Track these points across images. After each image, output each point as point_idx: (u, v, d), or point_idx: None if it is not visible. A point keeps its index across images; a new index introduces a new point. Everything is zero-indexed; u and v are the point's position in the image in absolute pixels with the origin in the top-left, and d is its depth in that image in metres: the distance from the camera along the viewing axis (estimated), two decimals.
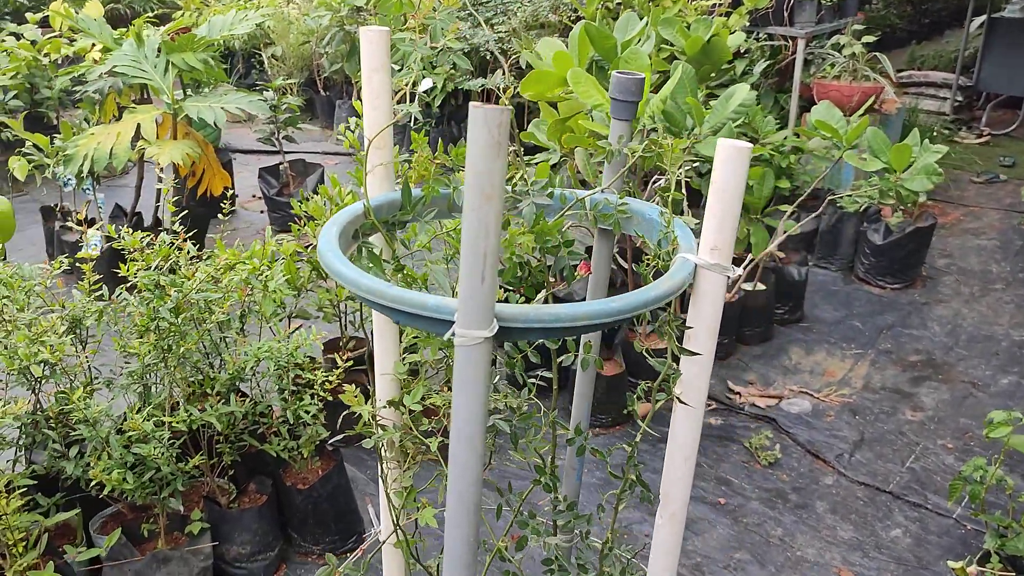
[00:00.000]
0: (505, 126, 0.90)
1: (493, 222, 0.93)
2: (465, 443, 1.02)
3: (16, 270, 2.85)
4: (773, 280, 4.60)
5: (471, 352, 0.98)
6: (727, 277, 1.17)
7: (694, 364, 1.22)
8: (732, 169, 1.11)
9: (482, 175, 0.91)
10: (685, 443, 1.26)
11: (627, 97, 1.41)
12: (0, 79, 6.28)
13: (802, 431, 3.84)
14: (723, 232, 1.15)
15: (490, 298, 0.96)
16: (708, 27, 4.84)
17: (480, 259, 0.94)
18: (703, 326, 1.20)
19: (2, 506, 2.40)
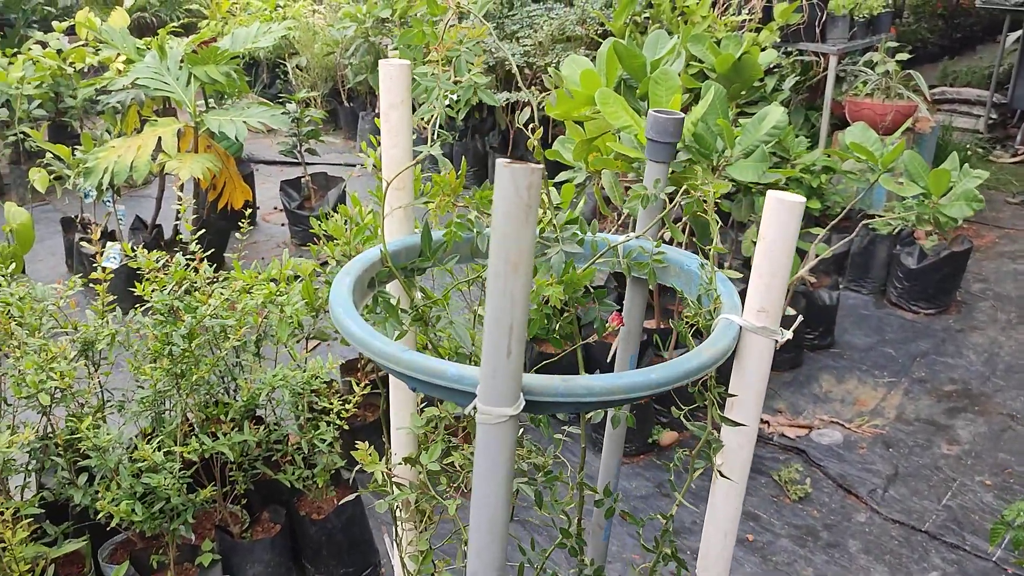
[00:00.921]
0: (537, 187, 0.81)
1: (520, 293, 0.83)
2: (486, 528, 0.93)
3: (29, 290, 2.79)
4: (803, 304, 4.47)
5: (494, 431, 0.89)
6: (775, 341, 1.07)
7: (738, 434, 1.11)
8: (782, 225, 1.02)
9: (509, 240, 0.82)
10: (725, 518, 1.16)
11: (665, 138, 1.31)
12: (25, 88, 6.27)
13: (833, 464, 3.71)
14: (772, 293, 1.05)
15: (516, 374, 0.87)
16: (739, 44, 4.74)
17: (506, 333, 0.85)
18: (748, 394, 1.10)
19: (7, 537, 2.33)
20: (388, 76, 1.22)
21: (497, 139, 7.04)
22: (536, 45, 6.48)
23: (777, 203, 1.01)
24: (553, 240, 1.22)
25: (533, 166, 0.80)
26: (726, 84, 4.73)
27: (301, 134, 5.71)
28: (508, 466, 0.91)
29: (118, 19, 6.90)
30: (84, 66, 6.49)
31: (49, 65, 6.36)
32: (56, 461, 2.62)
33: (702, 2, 5.81)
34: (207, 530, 2.90)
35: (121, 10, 7.15)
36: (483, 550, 0.94)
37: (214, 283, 2.86)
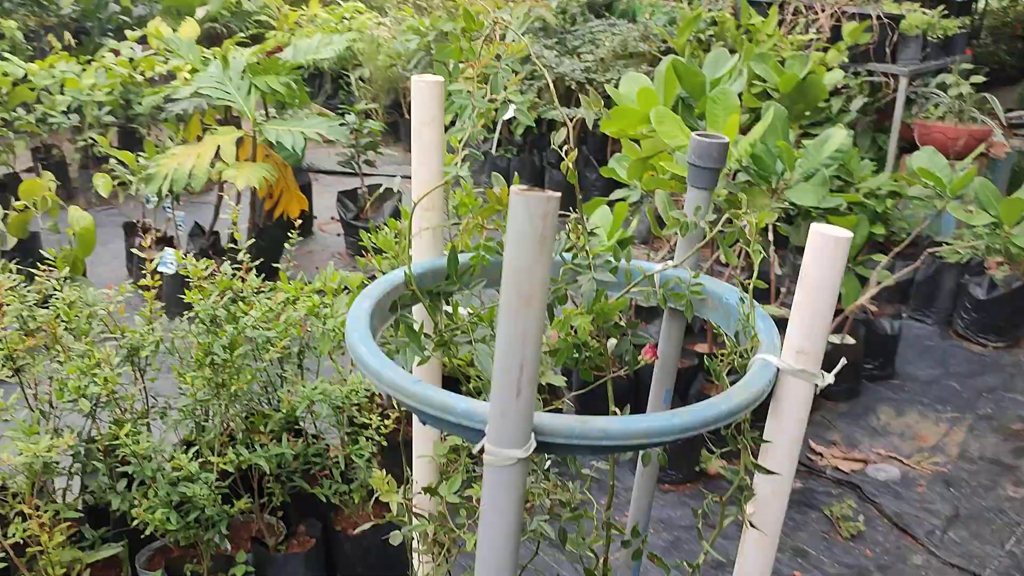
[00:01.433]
0: (552, 216, 0.75)
1: (533, 329, 0.78)
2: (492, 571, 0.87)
3: (81, 294, 2.82)
4: (863, 333, 4.32)
5: (502, 474, 0.83)
6: (815, 385, 1.00)
7: (771, 483, 1.04)
8: (828, 262, 0.94)
9: (521, 274, 0.77)
10: (755, 572, 1.08)
11: (708, 164, 1.25)
12: (96, 94, 6.43)
13: (889, 501, 3.56)
14: (813, 333, 0.98)
15: (527, 414, 0.81)
16: (804, 64, 4.62)
17: (516, 371, 0.79)
18: (784, 440, 1.02)
19: (44, 540, 2.34)
20: (420, 93, 1.19)
21: (556, 155, 6.99)
22: (598, 62, 6.42)
23: (821, 238, 0.94)
24: (585, 267, 1.17)
25: (549, 194, 0.74)
26: (789, 105, 4.60)
27: (359, 145, 5.73)
28: (517, 511, 0.85)
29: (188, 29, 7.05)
30: (154, 74, 6.64)
31: (120, 73, 6.51)
32: (97, 466, 2.63)
33: (768, 20, 5.68)
34: (243, 540, 2.89)
35: (192, 20, 7.31)
36: None
37: (260, 293, 2.86)
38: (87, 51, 8.56)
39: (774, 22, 5.73)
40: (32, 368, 2.57)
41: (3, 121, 6.30)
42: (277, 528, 2.93)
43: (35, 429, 2.40)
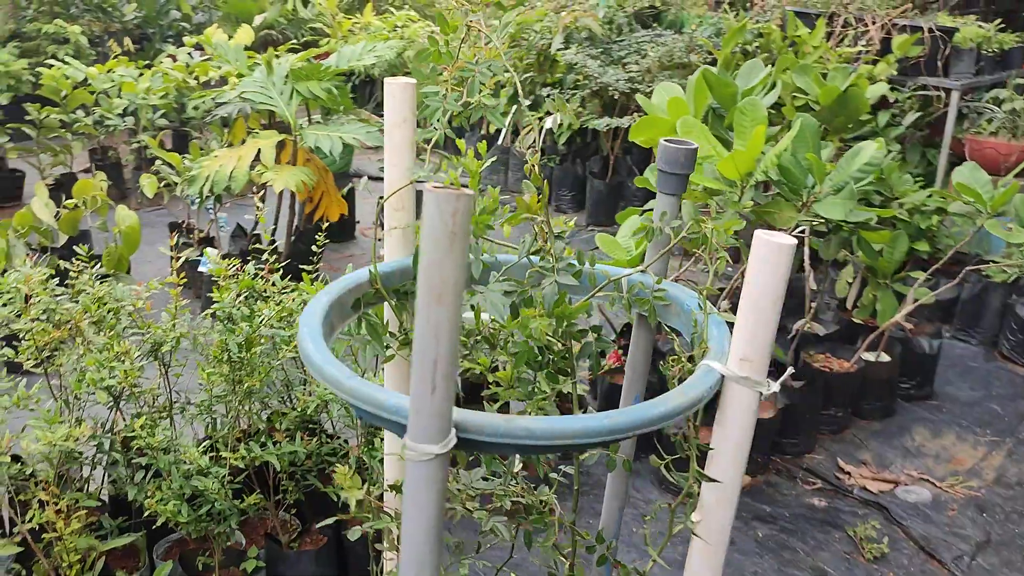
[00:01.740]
0: (463, 214, 0.76)
1: (446, 326, 0.79)
2: (415, 566, 0.88)
3: (110, 290, 2.90)
4: (899, 351, 4.22)
5: (422, 469, 0.84)
6: (759, 393, 0.99)
7: (716, 491, 1.03)
8: (771, 270, 0.93)
9: (433, 270, 0.77)
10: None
11: (675, 169, 1.24)
12: (151, 98, 6.61)
13: (917, 524, 3.47)
14: (756, 341, 0.97)
15: (443, 410, 0.82)
16: (846, 76, 4.54)
17: (430, 367, 0.80)
18: (728, 447, 1.01)
19: (59, 527, 2.41)
20: (391, 95, 1.20)
21: (598, 164, 6.98)
22: (643, 72, 6.40)
23: (766, 245, 0.93)
24: (549, 270, 1.17)
25: (460, 192, 0.75)
26: (830, 117, 4.53)
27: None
28: (437, 506, 0.86)
29: (242, 36, 7.22)
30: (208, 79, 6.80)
31: (175, 77, 6.68)
32: (116, 457, 2.71)
33: (814, 32, 5.60)
34: (258, 536, 2.94)
35: (247, 27, 7.48)
36: None
37: (284, 292, 2.91)
38: (147, 56, 8.82)
39: (821, 34, 5.64)
40: (57, 360, 2.65)
41: (62, 123, 6.52)
42: (291, 525, 2.97)
43: (57, 419, 2.47)
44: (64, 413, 2.68)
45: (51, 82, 6.47)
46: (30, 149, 6.51)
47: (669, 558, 3.27)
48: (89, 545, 2.51)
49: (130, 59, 7.53)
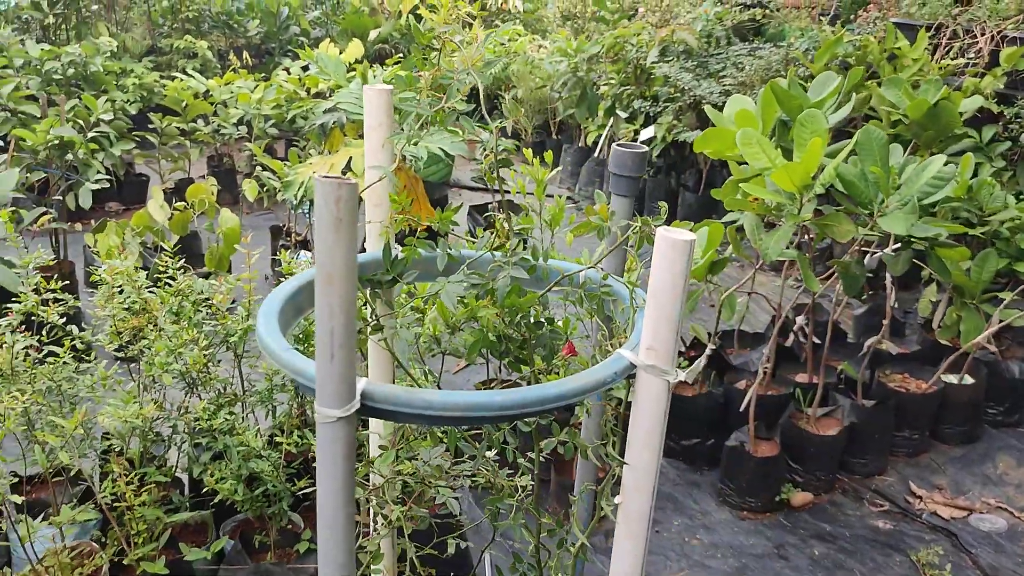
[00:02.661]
0: (348, 201, 0.85)
1: (338, 303, 0.88)
2: (328, 524, 0.98)
3: (189, 283, 3.14)
4: (985, 374, 4.06)
5: (329, 430, 0.94)
6: (667, 381, 1.04)
7: (634, 475, 1.08)
8: (669, 264, 0.98)
9: (324, 254, 0.87)
10: (625, 557, 1.11)
11: (625, 172, 1.30)
12: (263, 108, 7.01)
13: (988, 553, 3.33)
14: (660, 331, 1.02)
15: (343, 377, 0.91)
16: (938, 88, 4.41)
17: (327, 338, 0.90)
18: (640, 433, 1.06)
19: (129, 497, 2.63)
20: (370, 100, 1.31)
21: (693, 177, 6.95)
22: (738, 85, 6.35)
23: (665, 241, 0.98)
24: (504, 264, 1.25)
25: (344, 181, 0.84)
26: (919, 131, 4.41)
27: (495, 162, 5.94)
28: (347, 465, 0.95)
29: (353, 50, 7.56)
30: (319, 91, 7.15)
31: (287, 89, 7.06)
32: (186, 438, 2.92)
33: (916, 44, 5.44)
34: (314, 521, 3.11)
35: (357, 42, 7.82)
36: (327, 551, 0.99)
37: None
38: (266, 70, 9.32)
39: (922, 46, 5.47)
40: (135, 345, 2.89)
41: (181, 131, 6.99)
42: None
43: (131, 399, 2.70)
44: (141, 395, 2.92)
45: (173, 93, 6.94)
46: (153, 156, 6.99)
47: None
48: (156, 516, 2.72)
49: (248, 72, 8.00)
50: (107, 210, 7.33)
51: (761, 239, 3.15)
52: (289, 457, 2.93)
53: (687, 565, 3.30)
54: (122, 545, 2.71)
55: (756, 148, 3.15)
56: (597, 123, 7.74)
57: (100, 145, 6.29)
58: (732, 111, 3.54)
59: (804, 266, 3.19)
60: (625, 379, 1.08)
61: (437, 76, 1.42)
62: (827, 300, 5.07)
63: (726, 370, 4.08)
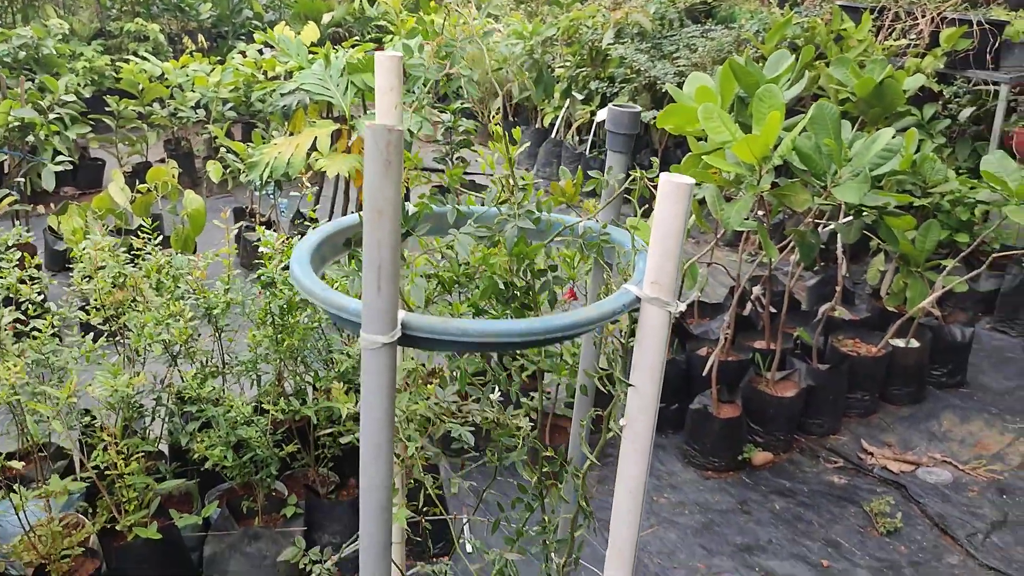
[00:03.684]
0: (395, 145, 0.96)
1: (387, 236, 0.99)
2: (372, 445, 1.08)
3: (170, 259, 3.19)
4: (929, 338, 4.28)
5: (374, 356, 1.04)
6: (669, 312, 1.16)
7: (637, 399, 1.20)
8: (673, 205, 1.11)
9: (374, 191, 0.98)
10: (630, 476, 1.24)
11: (621, 130, 1.42)
12: (221, 91, 7.00)
13: (934, 503, 3.55)
14: (665, 267, 1.14)
15: (388, 307, 1.02)
16: (883, 68, 4.61)
17: (375, 271, 1.00)
18: (645, 360, 1.18)
19: (120, 465, 2.70)
20: (381, 65, 1.41)
21: (648, 156, 7.11)
22: (692, 66, 6.52)
23: (668, 185, 1.10)
24: (511, 216, 1.36)
25: (391, 126, 0.95)
26: (866, 109, 4.62)
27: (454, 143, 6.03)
28: (389, 389, 1.06)
29: (309, 33, 7.55)
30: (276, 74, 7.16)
31: (244, 72, 7.05)
32: (172, 408, 2.99)
33: (860, 26, 5.66)
34: (299, 488, 3.19)
35: (312, 24, 7.81)
36: (369, 465, 1.10)
37: None
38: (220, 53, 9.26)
39: (866, 28, 5.69)
40: (121, 319, 2.94)
41: (139, 114, 6.95)
42: (329, 479, 3.22)
43: (119, 370, 2.76)
44: (127, 366, 2.98)
45: (129, 76, 6.89)
46: (110, 139, 6.94)
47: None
48: (146, 484, 2.79)
49: (203, 55, 7.95)
50: (62, 195, 7.25)
51: (722, 209, 3.30)
52: (275, 425, 3.01)
53: (656, 522, 3.45)
54: (112, 513, 2.77)
55: (717, 122, 3.30)
56: (553, 105, 7.86)
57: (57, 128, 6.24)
58: (692, 88, 3.68)
59: (763, 235, 3.36)
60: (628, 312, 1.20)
61: (441, 44, 1.52)
62: (782, 273, 5.28)
63: (687, 338, 4.24)
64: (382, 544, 1.18)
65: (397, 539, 1.84)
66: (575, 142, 7.77)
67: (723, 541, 3.35)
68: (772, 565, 3.22)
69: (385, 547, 1.18)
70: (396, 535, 1.83)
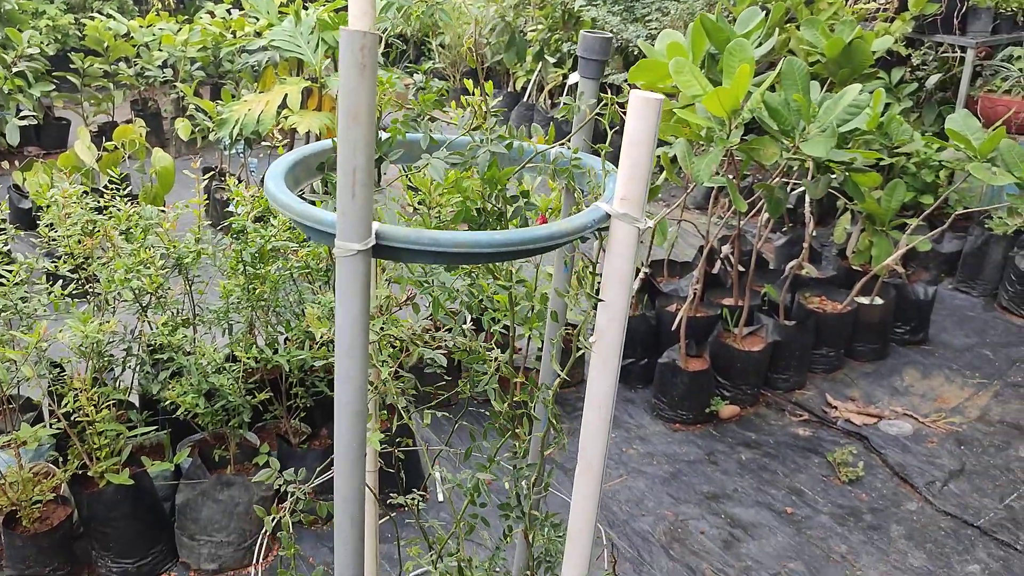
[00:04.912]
0: (370, 49, 0.97)
1: (362, 142, 1.00)
2: (346, 354, 1.10)
3: (138, 210, 3.17)
4: (893, 296, 4.37)
5: (348, 263, 1.06)
6: (638, 228, 1.19)
7: (606, 313, 1.23)
8: (643, 121, 1.13)
9: (349, 95, 0.99)
10: (599, 393, 1.27)
11: (592, 55, 1.44)
12: (188, 51, 6.90)
13: (895, 453, 3.64)
14: (633, 183, 1.16)
15: (362, 215, 1.03)
16: (852, 29, 4.65)
17: (350, 177, 1.01)
18: (614, 275, 1.21)
19: (91, 412, 2.69)
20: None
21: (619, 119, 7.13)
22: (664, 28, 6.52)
23: (638, 100, 1.12)
24: (484, 143, 1.38)
25: (366, 31, 0.96)
26: (835, 69, 4.66)
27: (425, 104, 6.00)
28: (363, 297, 1.08)
29: None
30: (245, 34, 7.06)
31: (212, 32, 6.96)
32: (143, 357, 2.98)
33: None
34: (271, 439, 3.21)
35: None
36: (346, 376, 1.12)
37: None
38: (188, 12, 9.11)
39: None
40: (90, 267, 2.92)
41: (104, 73, 6.83)
42: (301, 430, 3.24)
43: (88, 317, 2.75)
44: (96, 315, 2.96)
45: (94, 33, 6.77)
46: (75, 98, 6.82)
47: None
48: (117, 431, 2.79)
49: (170, 15, 7.83)
50: (26, 155, 7.13)
51: (693, 163, 3.33)
52: (247, 375, 3.01)
53: (625, 472, 3.51)
54: (84, 460, 2.77)
55: (688, 76, 3.32)
56: (525, 68, 7.84)
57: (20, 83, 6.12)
58: (663, 45, 3.70)
59: (732, 190, 3.40)
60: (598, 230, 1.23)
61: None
62: (750, 235, 5.33)
63: (657, 296, 4.29)
64: (356, 454, 1.20)
65: (371, 467, 1.86)
66: (547, 105, 7.76)
67: (690, 490, 3.41)
68: (737, 512, 3.29)
69: (359, 455, 1.20)
70: (370, 462, 1.86)
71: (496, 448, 1.61)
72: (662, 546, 3.11)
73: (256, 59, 5.26)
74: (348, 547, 1.26)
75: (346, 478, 1.20)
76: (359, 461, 1.19)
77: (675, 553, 3.08)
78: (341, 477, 1.21)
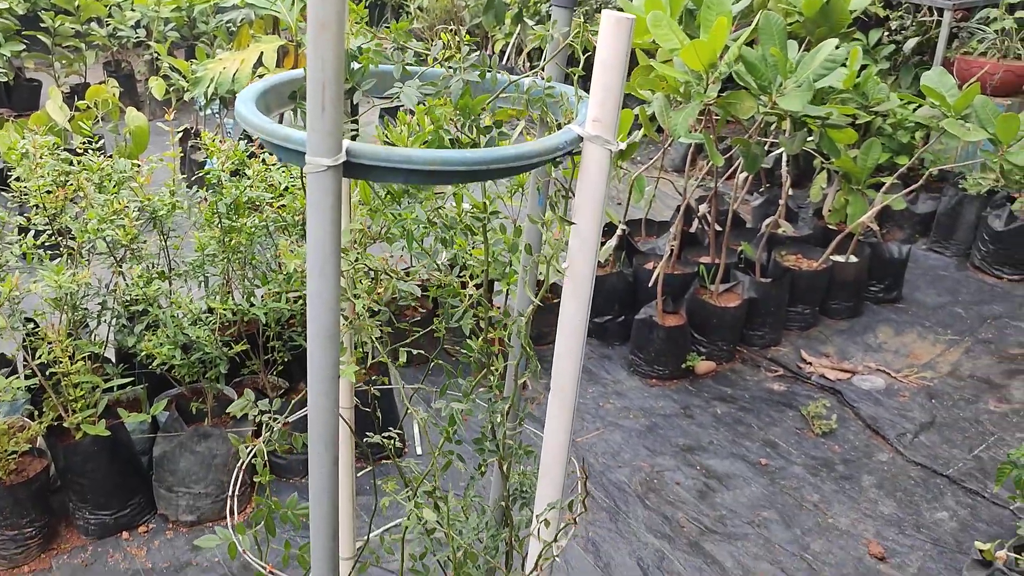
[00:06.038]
0: None
1: (331, 53, 1.00)
2: (318, 274, 1.10)
3: (111, 163, 3.14)
4: (868, 255, 4.41)
5: (319, 180, 1.06)
6: (610, 151, 1.19)
7: (578, 237, 1.24)
8: (616, 41, 1.13)
9: (316, 3, 0.98)
10: (571, 315, 1.28)
11: None
12: (162, 11, 6.80)
13: (867, 406, 3.69)
14: (606, 105, 1.17)
15: (332, 129, 1.03)
16: None
17: (319, 89, 1.01)
18: (586, 198, 1.21)
19: (66, 364, 2.68)
20: None
21: None
22: None
23: (609, 19, 1.12)
24: (457, 71, 1.38)
25: None
26: (812, 28, 4.66)
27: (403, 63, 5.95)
28: (334, 216, 1.08)
29: None
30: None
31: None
32: (118, 310, 2.97)
33: None
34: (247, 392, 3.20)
35: None
36: (318, 294, 1.12)
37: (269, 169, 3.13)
38: None
39: None
40: (62, 218, 2.90)
41: (76, 32, 6.72)
42: (278, 384, 3.24)
43: (62, 268, 2.73)
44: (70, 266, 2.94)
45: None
46: (46, 57, 6.72)
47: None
48: (93, 383, 2.78)
49: None
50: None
51: (670, 117, 3.34)
52: (224, 328, 3.01)
53: (602, 425, 3.54)
54: (59, 412, 2.76)
55: (666, 29, 3.31)
56: (505, 31, 7.79)
57: None
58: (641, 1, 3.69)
59: (709, 144, 3.40)
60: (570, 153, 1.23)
61: None
62: (727, 196, 5.35)
63: (634, 254, 4.31)
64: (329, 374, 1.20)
65: (347, 404, 1.87)
66: (526, 68, 7.72)
67: (666, 443, 3.45)
68: (712, 463, 3.34)
69: (333, 375, 1.21)
70: (345, 399, 1.87)
71: (472, 385, 1.62)
72: (638, 496, 3.15)
73: (230, 17, 5.20)
74: (323, 471, 1.27)
75: (319, 399, 1.21)
76: (332, 382, 1.20)
77: (651, 503, 3.12)
78: (314, 399, 1.22)
